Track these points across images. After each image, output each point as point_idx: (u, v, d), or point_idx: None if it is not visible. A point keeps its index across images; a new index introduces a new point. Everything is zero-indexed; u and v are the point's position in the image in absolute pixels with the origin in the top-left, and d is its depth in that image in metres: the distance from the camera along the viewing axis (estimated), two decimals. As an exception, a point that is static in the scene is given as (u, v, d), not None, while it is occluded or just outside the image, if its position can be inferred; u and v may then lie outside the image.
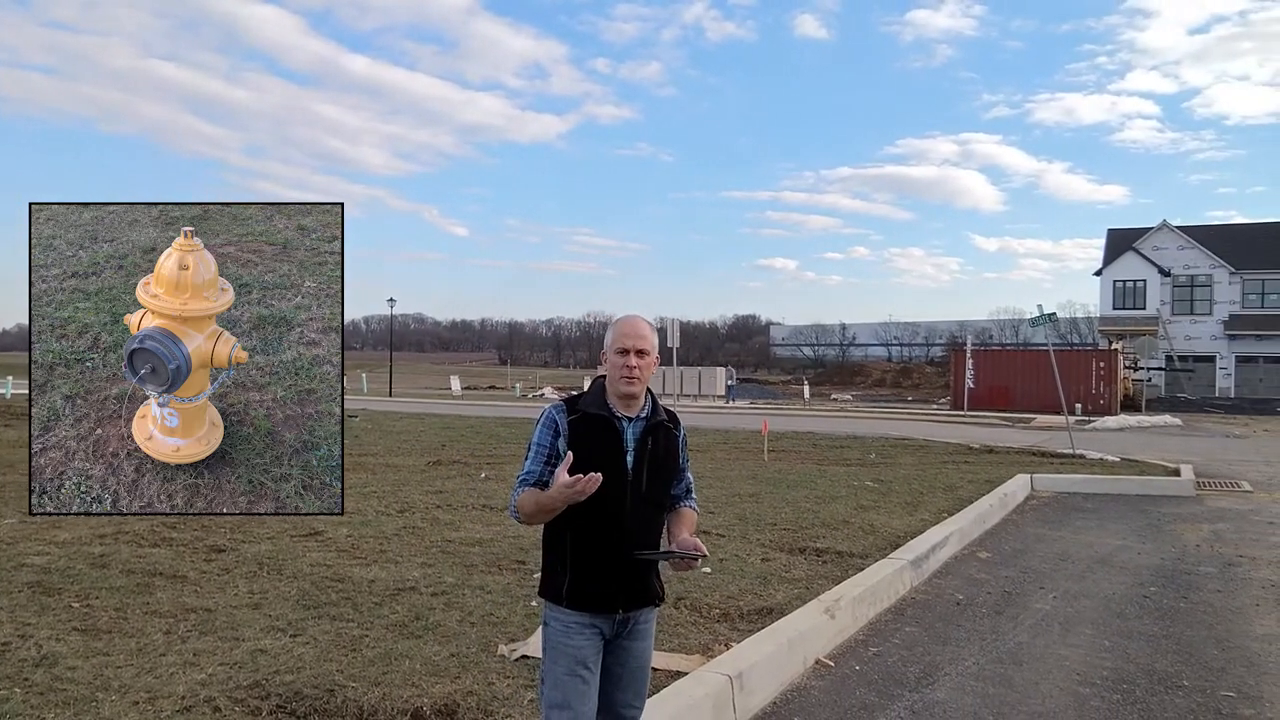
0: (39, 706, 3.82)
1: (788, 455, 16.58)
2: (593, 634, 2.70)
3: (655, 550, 2.74)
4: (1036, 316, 19.47)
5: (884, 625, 6.06)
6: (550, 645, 2.72)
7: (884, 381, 67.72)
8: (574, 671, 2.65)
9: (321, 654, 4.60)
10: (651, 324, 2.81)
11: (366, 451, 16.06)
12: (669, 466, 2.84)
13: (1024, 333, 71.66)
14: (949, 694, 4.76)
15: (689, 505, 2.96)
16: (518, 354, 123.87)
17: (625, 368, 2.70)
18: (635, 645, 2.79)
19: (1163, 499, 12.47)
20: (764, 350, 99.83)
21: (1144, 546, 9.04)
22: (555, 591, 2.72)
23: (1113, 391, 35.16)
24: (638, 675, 2.81)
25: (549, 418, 2.76)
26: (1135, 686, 4.93)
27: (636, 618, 2.78)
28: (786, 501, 10.35)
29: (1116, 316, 48.65)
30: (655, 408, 2.82)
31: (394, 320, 66.88)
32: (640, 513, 2.74)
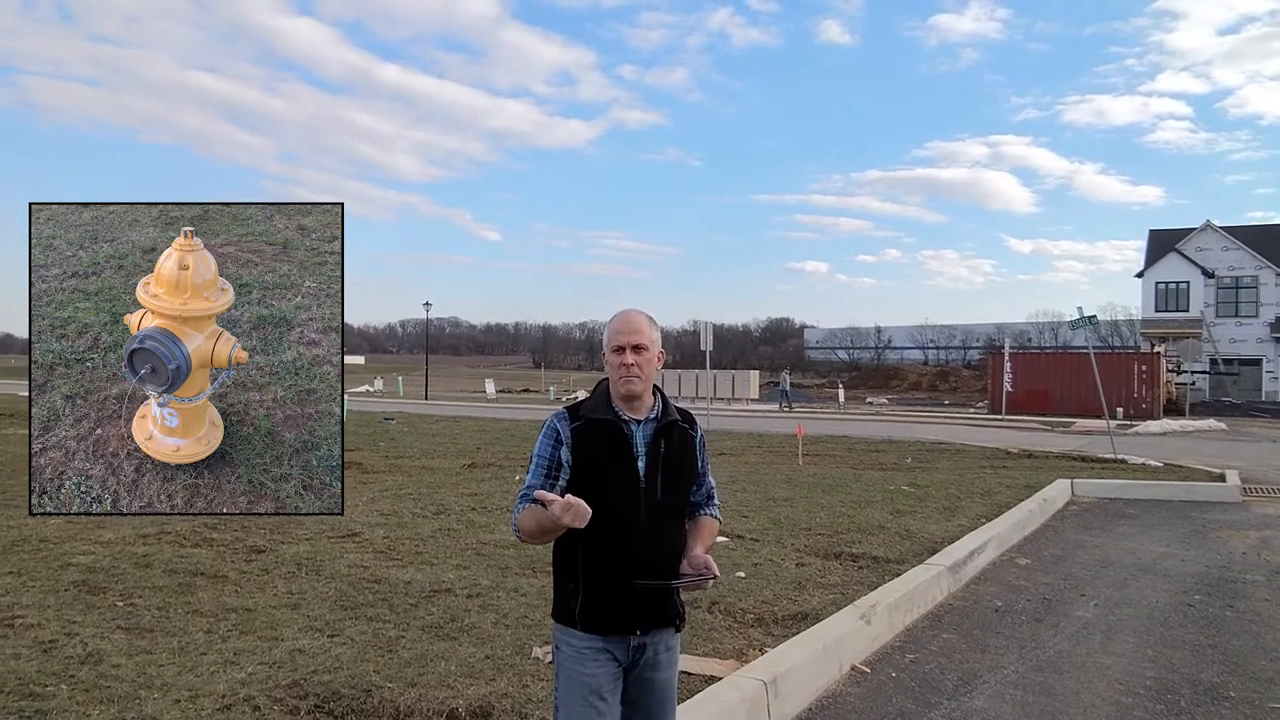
0: (84, 703, 3.90)
1: (822, 459, 16.47)
2: (607, 660, 2.51)
3: (677, 573, 2.53)
4: (1077, 319, 19.19)
5: (921, 632, 6.00)
6: (563, 672, 2.54)
7: (920, 385, 67.03)
8: (588, 701, 2.47)
9: (359, 654, 4.64)
10: (650, 317, 2.61)
11: (403, 454, 16.21)
12: (685, 470, 2.65)
13: (1063, 335, 70.56)
14: (988, 702, 4.70)
15: (709, 514, 2.74)
16: (552, 357, 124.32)
17: (623, 366, 2.52)
18: (659, 676, 2.60)
19: (1207, 505, 12.20)
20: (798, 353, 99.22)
21: (1188, 554, 8.86)
22: (568, 613, 2.54)
23: (1155, 395, 34.52)
24: (667, 707, 2.64)
25: (550, 426, 2.60)
26: (1180, 697, 4.83)
27: (656, 646, 2.58)
28: (821, 506, 10.28)
29: (1159, 319, 47.78)
30: (666, 407, 2.63)
31: (429, 324, 67.38)
32: (656, 523, 2.53)
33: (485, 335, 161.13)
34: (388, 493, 10.78)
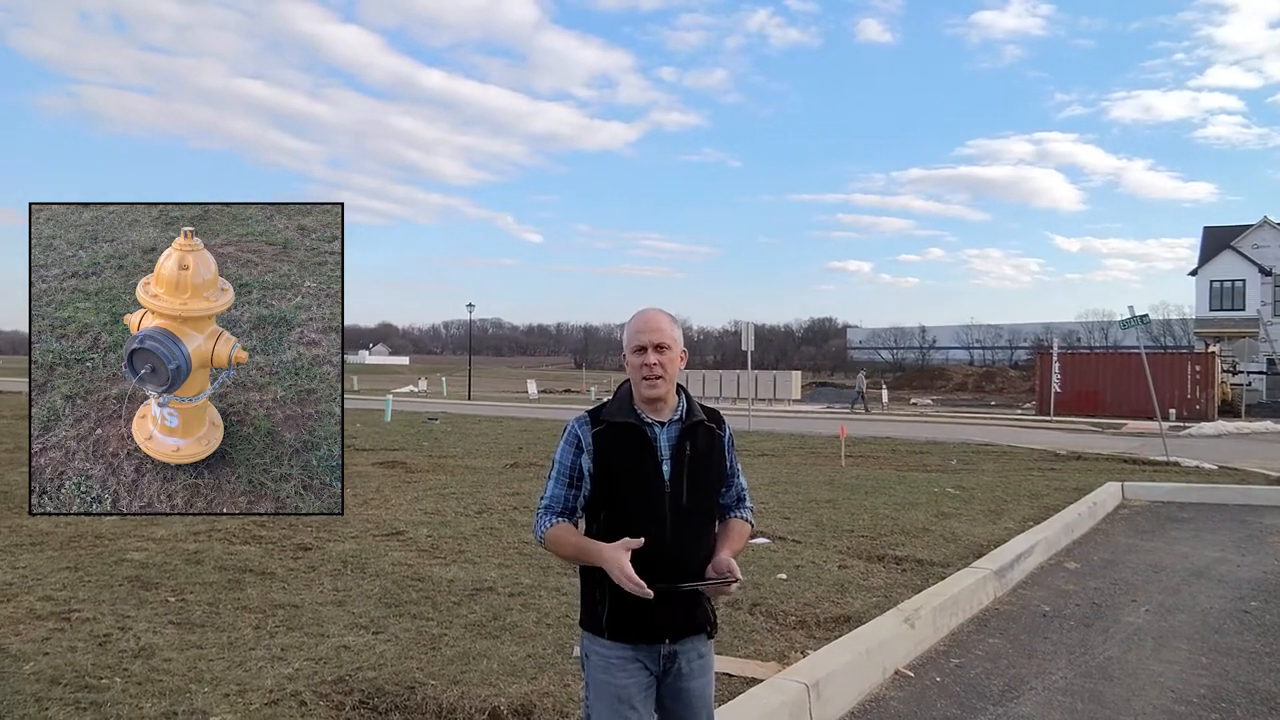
0: (136, 696, 3.99)
1: (865, 461, 16.32)
2: (637, 669, 2.46)
3: (679, 581, 2.44)
4: (1128, 318, 18.77)
5: (966, 636, 5.91)
6: (593, 682, 2.49)
7: (965, 385, 66.11)
8: (618, 712, 2.42)
9: (402, 651, 4.70)
10: (670, 316, 2.55)
11: (446, 454, 16.37)
12: (713, 472, 2.57)
13: (1113, 335, 69.25)
14: (1035, 709, 4.61)
15: (740, 516, 2.66)
16: (593, 357, 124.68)
17: (644, 367, 2.45)
18: (694, 685, 2.53)
19: (1264, 509, 11.87)
20: (841, 353, 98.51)
21: (1244, 559, 8.63)
22: (595, 622, 2.48)
23: (1209, 396, 33.70)
24: (702, 717, 2.57)
25: (571, 432, 2.52)
26: (1235, 706, 4.70)
27: (688, 654, 2.52)
28: (864, 508, 10.18)
29: (1213, 318, 46.63)
30: (691, 407, 2.55)
31: (472, 325, 68.01)
32: (683, 528, 2.46)
33: (527, 336, 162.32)
34: (431, 492, 10.89)
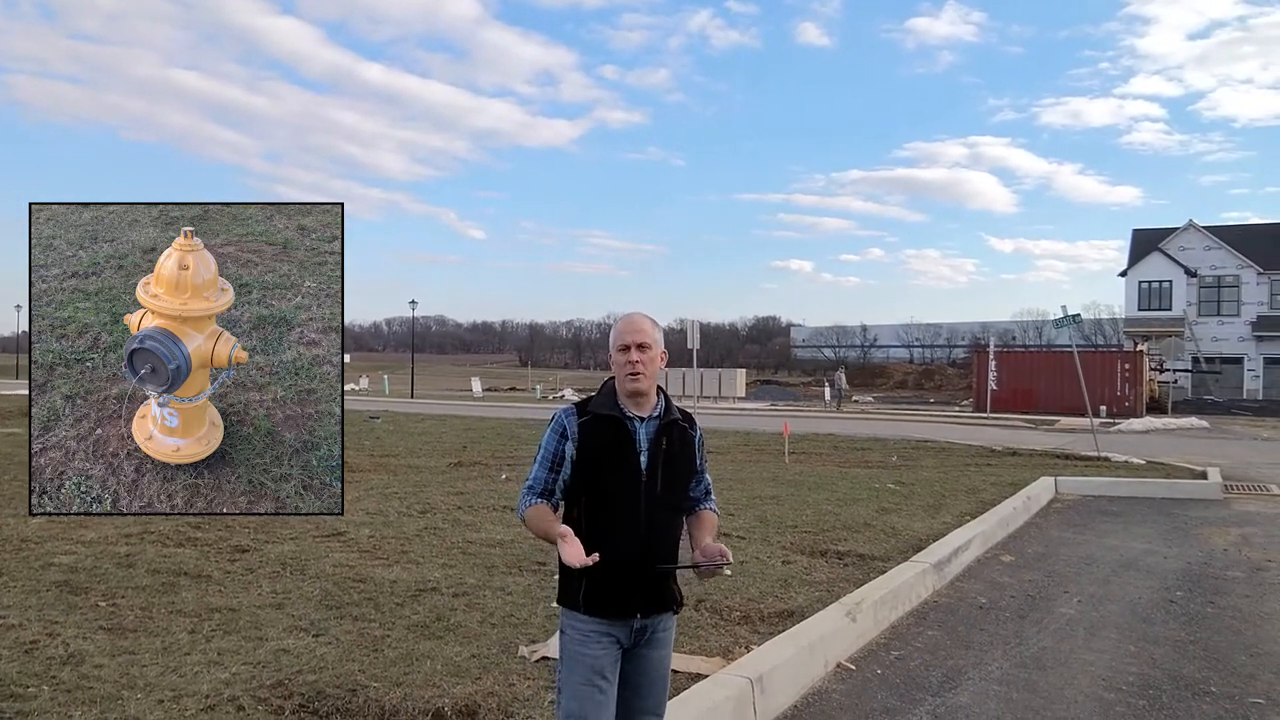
0: (66, 704, 3.87)
1: (809, 458, 16.52)
2: (609, 643, 2.67)
3: (676, 561, 2.70)
4: (1061, 318, 19.32)
5: (906, 629, 6.02)
6: (567, 654, 2.69)
7: (906, 383, 67.28)
8: (591, 681, 2.62)
9: (344, 654, 4.62)
10: (653, 320, 2.77)
11: (389, 453, 16.15)
12: (685, 467, 2.80)
13: (1047, 334, 71.04)
14: (972, 698, 4.72)
15: (708, 508, 2.91)
16: (538, 355, 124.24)
17: (628, 364, 2.67)
18: (654, 653, 2.76)
19: (1189, 502, 12.31)
20: (785, 352, 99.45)
21: (1170, 550, 8.93)
22: (572, 598, 2.68)
23: (1138, 393, 34.77)
24: (658, 683, 2.79)
25: (558, 421, 2.74)
26: (1161, 692, 4.87)
27: (655, 625, 2.74)
28: (808, 504, 10.31)
29: (1142, 317, 48.14)
30: (669, 407, 2.77)
31: (415, 322, 67.21)
32: (657, 515, 2.69)
33: (471, 334, 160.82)
34: (373, 492, 10.74)
